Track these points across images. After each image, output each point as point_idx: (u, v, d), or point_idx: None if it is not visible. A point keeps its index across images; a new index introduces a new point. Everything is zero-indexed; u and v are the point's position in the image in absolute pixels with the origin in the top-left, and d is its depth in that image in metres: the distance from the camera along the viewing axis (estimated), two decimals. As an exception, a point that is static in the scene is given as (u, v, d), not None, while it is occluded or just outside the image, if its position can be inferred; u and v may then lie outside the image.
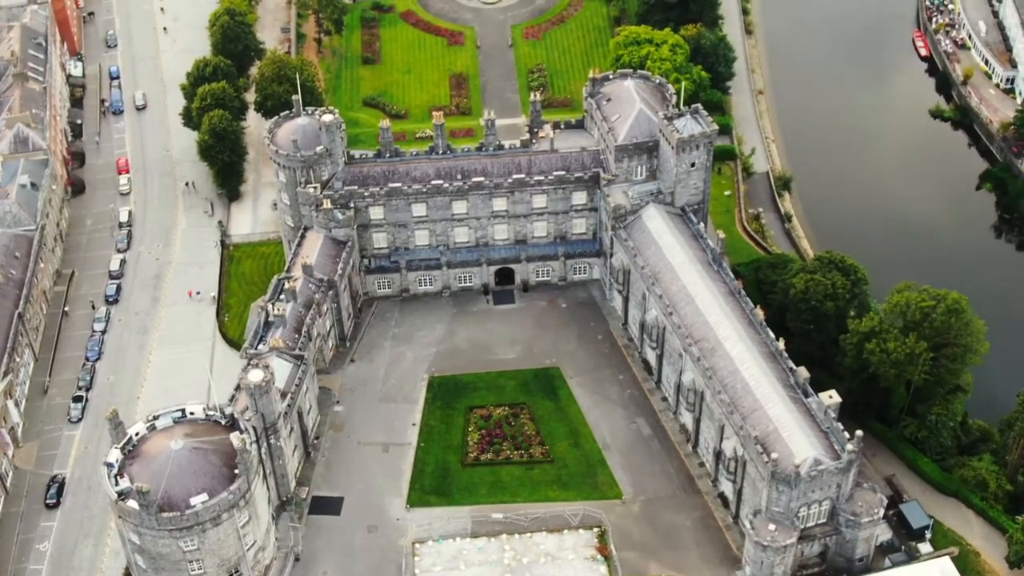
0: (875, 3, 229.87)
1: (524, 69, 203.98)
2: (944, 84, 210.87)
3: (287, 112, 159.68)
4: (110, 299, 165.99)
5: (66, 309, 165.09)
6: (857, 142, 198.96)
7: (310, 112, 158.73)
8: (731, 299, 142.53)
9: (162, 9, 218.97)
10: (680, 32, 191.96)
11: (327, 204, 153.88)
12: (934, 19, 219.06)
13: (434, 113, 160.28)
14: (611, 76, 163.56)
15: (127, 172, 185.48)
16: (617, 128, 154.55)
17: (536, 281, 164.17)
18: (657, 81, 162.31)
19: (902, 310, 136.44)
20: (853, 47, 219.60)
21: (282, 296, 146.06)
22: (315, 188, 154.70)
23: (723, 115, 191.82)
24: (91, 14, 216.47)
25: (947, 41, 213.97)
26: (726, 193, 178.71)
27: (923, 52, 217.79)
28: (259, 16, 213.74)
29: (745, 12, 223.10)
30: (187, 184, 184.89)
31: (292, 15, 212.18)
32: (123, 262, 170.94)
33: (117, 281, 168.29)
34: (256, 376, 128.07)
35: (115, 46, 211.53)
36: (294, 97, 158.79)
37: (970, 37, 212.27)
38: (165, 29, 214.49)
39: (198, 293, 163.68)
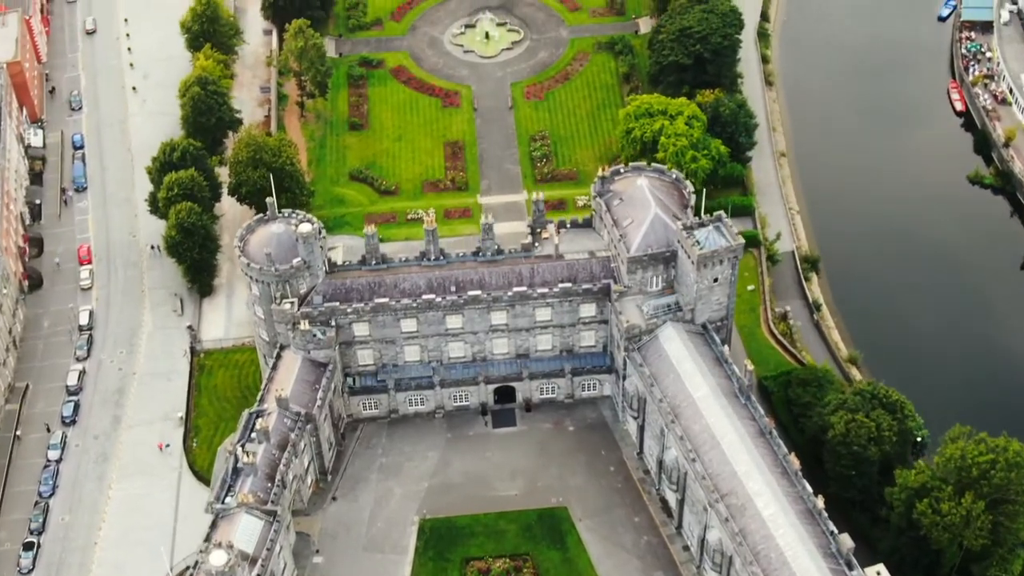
0: (905, 49, 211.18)
1: (525, 135, 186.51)
2: (983, 143, 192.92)
3: (260, 216, 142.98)
4: (66, 420, 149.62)
5: (18, 433, 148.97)
6: (888, 212, 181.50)
7: (286, 215, 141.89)
8: (761, 442, 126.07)
9: (131, 65, 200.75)
10: (696, 98, 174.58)
11: (305, 325, 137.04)
12: (971, 69, 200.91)
13: (425, 217, 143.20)
14: (622, 170, 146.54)
15: (89, 263, 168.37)
16: (630, 235, 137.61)
17: (540, 399, 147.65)
18: (673, 176, 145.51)
19: (956, 464, 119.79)
20: (881, 99, 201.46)
21: (253, 436, 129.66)
22: (292, 304, 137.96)
23: (744, 194, 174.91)
24: (52, 91, 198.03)
25: (985, 95, 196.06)
26: (749, 288, 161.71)
27: (959, 106, 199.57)
28: (237, 73, 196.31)
29: (765, 60, 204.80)
30: (152, 247, 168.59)
31: (273, 74, 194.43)
32: (82, 374, 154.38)
33: (75, 398, 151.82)
34: (218, 559, 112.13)
35: (79, 109, 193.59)
36: (268, 200, 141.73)
37: (1011, 92, 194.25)
38: (135, 89, 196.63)
39: (167, 445, 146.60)
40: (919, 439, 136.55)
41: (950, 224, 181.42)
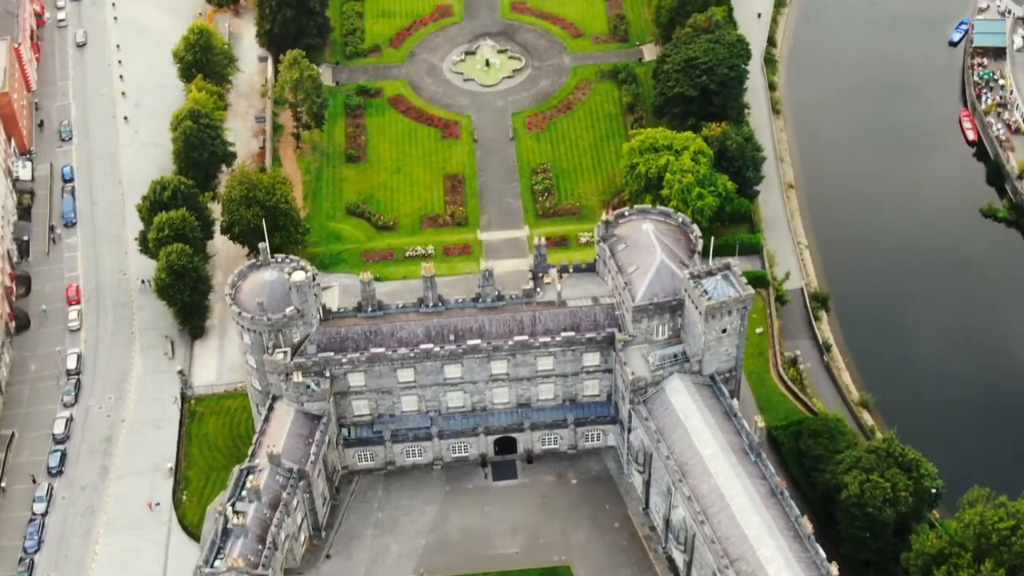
0: (915, 74, 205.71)
1: (527, 168, 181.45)
2: (996, 174, 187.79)
3: (252, 262, 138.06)
4: (53, 471, 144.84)
5: (2, 485, 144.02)
6: (899, 246, 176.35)
7: (279, 260, 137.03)
8: (773, 503, 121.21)
9: (123, 93, 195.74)
10: (703, 131, 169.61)
11: (298, 377, 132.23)
12: (984, 97, 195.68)
13: (424, 264, 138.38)
14: (627, 213, 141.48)
15: (78, 303, 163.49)
16: (634, 283, 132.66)
17: (542, 449, 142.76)
18: (680, 220, 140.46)
19: (976, 530, 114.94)
20: (891, 127, 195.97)
21: (244, 494, 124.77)
22: (284, 354, 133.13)
23: (751, 230, 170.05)
24: (41, 124, 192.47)
25: (999, 125, 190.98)
26: (758, 331, 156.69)
27: (971, 135, 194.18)
28: (231, 103, 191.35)
29: (771, 87, 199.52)
30: (143, 282, 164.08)
31: (268, 104, 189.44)
32: (70, 421, 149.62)
33: (62, 447, 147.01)
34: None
35: (69, 139, 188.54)
36: (261, 245, 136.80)
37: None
38: (126, 118, 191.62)
39: (158, 504, 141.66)
40: (934, 491, 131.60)
41: (963, 259, 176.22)
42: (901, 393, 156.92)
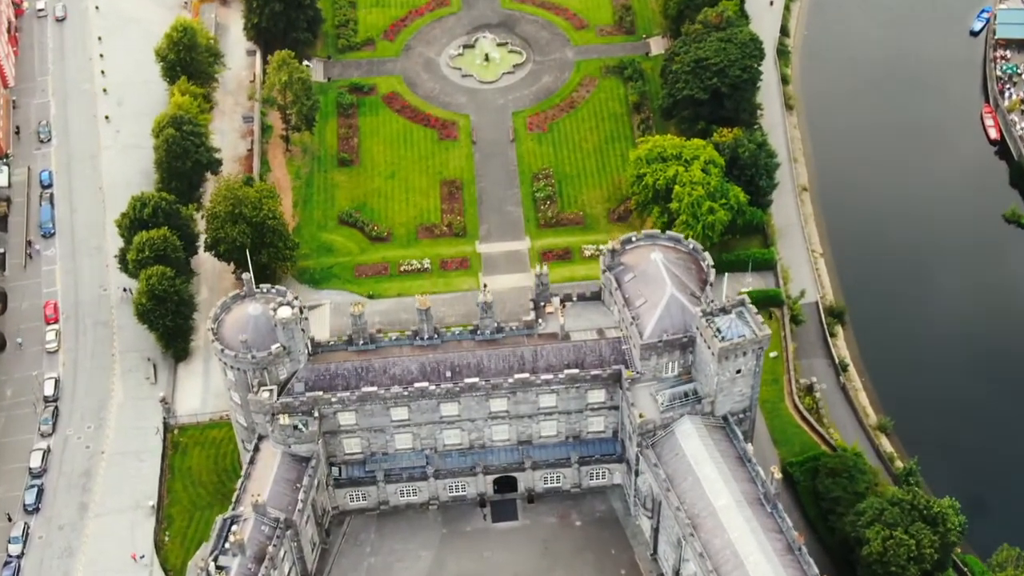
0: (935, 66, 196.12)
1: (528, 173, 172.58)
2: (1019, 176, 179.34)
3: (236, 293, 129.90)
4: (29, 508, 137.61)
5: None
6: (916, 254, 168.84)
7: (264, 291, 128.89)
8: (789, 560, 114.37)
9: (105, 90, 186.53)
10: (713, 137, 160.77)
11: (285, 419, 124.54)
12: (1007, 93, 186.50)
13: (418, 298, 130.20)
14: (634, 239, 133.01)
15: (55, 322, 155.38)
16: (643, 318, 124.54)
17: (544, 488, 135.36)
18: (691, 247, 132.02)
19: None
20: (910, 124, 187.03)
21: (227, 547, 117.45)
22: (270, 392, 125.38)
23: (764, 243, 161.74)
24: (17, 131, 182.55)
25: (1023, 123, 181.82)
26: (772, 355, 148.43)
27: (993, 134, 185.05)
28: (218, 102, 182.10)
29: (784, 81, 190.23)
30: (125, 290, 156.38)
31: (256, 106, 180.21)
32: (47, 453, 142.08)
33: (38, 482, 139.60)
34: None
35: (48, 140, 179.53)
36: (245, 276, 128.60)
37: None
38: (107, 118, 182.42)
39: (142, 557, 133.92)
40: (957, 528, 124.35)
41: (984, 268, 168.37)
42: (920, 412, 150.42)
